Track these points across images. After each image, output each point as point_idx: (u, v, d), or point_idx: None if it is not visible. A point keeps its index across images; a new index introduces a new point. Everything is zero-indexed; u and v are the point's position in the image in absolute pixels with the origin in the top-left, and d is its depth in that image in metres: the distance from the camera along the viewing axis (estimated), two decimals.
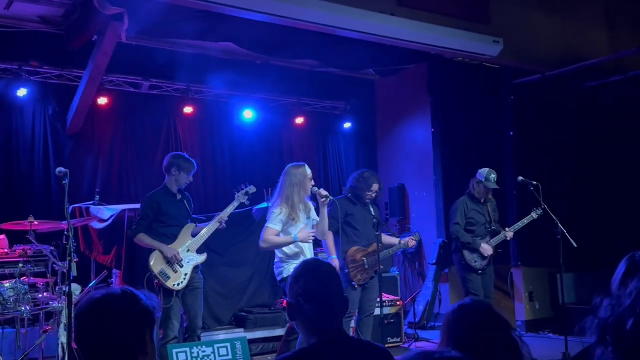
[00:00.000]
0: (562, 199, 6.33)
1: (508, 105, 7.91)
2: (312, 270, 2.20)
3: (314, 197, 5.13)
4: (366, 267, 5.36)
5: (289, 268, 4.85)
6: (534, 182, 6.08)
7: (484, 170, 6.27)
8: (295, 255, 4.91)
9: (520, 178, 6.16)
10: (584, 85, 7.96)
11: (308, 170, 5.09)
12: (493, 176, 6.23)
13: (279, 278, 5.01)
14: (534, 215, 6.21)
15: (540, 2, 8.02)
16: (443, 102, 8.38)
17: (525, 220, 6.25)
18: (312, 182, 5.12)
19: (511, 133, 7.83)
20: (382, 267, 5.46)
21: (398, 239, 5.77)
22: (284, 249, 4.92)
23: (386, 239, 5.76)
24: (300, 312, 2.14)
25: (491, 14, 7.46)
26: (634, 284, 1.13)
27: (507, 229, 6.30)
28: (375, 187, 5.54)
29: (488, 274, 6.30)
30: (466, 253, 6.18)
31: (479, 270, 6.18)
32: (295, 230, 4.87)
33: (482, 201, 6.34)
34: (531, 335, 7.24)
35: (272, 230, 4.87)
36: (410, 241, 5.69)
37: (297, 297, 2.13)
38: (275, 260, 5.04)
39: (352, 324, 5.61)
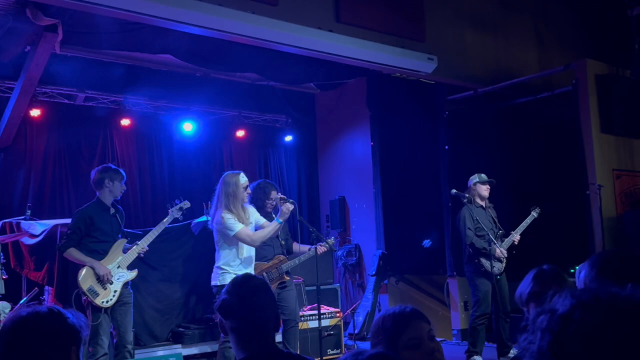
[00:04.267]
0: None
1: (443, 120, 8.16)
2: (235, 286, 2.17)
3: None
4: (267, 281, 5.34)
5: (225, 277, 4.96)
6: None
7: (472, 176, 6.41)
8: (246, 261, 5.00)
9: (453, 191, 6.36)
10: (514, 102, 8.32)
11: (242, 180, 5.07)
12: (483, 174, 6.38)
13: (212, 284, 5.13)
14: (534, 214, 6.39)
15: (474, 21, 8.32)
16: (382, 116, 8.55)
17: (528, 220, 6.36)
18: (248, 191, 5.13)
19: (446, 147, 8.06)
20: (288, 278, 5.56)
21: (308, 247, 5.69)
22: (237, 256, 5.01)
23: (297, 247, 5.81)
24: (226, 327, 2.14)
25: (426, 32, 7.69)
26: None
27: (512, 232, 6.32)
28: (274, 194, 5.50)
29: (503, 283, 6.27)
30: (483, 260, 6.12)
31: (497, 277, 6.14)
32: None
33: (483, 207, 6.39)
34: (466, 344, 7.41)
35: (244, 229, 4.92)
36: (320, 248, 5.49)
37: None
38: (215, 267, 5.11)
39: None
